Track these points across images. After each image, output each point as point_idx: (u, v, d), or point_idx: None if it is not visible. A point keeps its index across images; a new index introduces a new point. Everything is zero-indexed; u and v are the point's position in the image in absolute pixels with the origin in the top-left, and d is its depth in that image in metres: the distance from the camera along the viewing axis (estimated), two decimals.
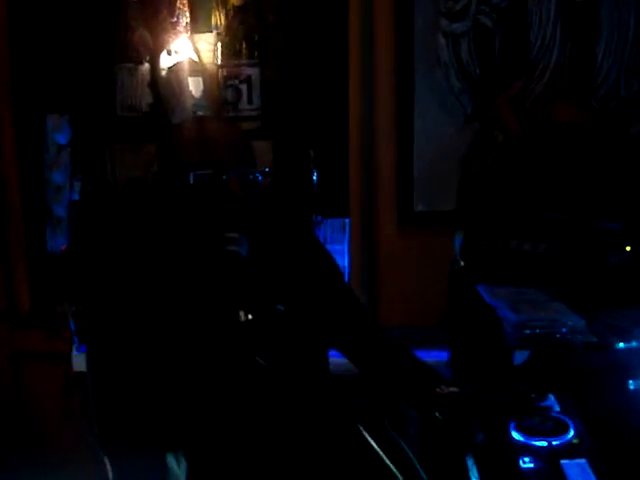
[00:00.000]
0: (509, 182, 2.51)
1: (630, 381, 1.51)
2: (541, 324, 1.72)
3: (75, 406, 2.91)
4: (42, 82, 2.81)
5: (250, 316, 1.35)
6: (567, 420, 1.47)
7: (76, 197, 2.93)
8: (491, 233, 2.32)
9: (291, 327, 1.41)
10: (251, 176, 1.41)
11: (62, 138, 2.90)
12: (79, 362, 2.88)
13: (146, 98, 2.78)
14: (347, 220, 2.75)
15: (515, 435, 1.45)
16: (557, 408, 1.54)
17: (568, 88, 2.56)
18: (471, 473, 1.52)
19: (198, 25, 2.75)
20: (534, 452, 1.39)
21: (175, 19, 2.73)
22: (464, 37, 2.55)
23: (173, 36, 2.75)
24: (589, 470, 1.33)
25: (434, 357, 2.51)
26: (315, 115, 2.70)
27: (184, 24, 2.75)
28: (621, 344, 1.72)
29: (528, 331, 1.70)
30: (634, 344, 1.73)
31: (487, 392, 1.71)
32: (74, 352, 2.85)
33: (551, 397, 1.56)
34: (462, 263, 2.37)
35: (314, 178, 2.70)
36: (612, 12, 2.55)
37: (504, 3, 2.53)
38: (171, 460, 1.65)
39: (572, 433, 1.44)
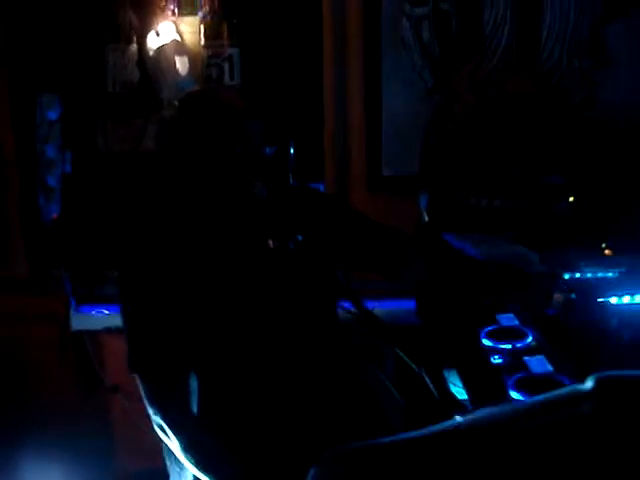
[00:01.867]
0: (467, 147, 2.85)
1: (573, 294, 1.85)
2: (502, 257, 2.05)
3: (71, 365, 3.15)
4: (34, 62, 3.02)
5: (277, 243, 1.64)
6: (526, 330, 1.81)
7: (68, 169, 3.16)
8: (453, 192, 2.65)
9: (308, 252, 1.71)
10: None
11: (53, 114, 3.12)
12: (77, 322, 3.13)
13: (135, 76, 3.03)
14: (321, 185, 3.05)
15: (485, 341, 1.78)
16: (517, 322, 1.87)
17: (517, 64, 2.90)
18: (452, 378, 1.85)
19: (183, 9, 3.01)
20: (502, 352, 1.72)
21: (162, 3, 2.99)
22: (425, 20, 2.86)
23: (160, 19, 3.01)
24: (546, 362, 1.66)
25: (402, 306, 2.84)
26: (292, 89, 2.99)
27: (170, 7, 3.00)
28: (567, 275, 2.06)
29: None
30: (577, 275, 2.07)
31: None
32: (72, 312, 3.10)
33: (511, 314, 1.90)
34: (427, 219, 2.70)
35: (291, 147, 2.99)
36: None
37: None
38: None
39: (531, 338, 1.77)
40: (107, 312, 3.00)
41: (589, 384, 0.78)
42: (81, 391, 3.10)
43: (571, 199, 2.36)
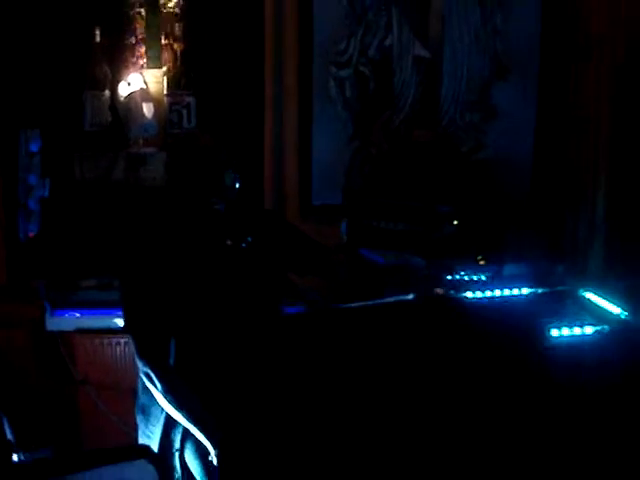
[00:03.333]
0: (380, 182, 3.53)
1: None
2: (399, 263, 2.72)
3: (46, 361, 3.64)
4: (19, 102, 3.59)
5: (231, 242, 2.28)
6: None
7: (46, 194, 3.71)
8: (367, 218, 3.32)
9: (255, 251, 2.36)
10: None
11: (34, 147, 3.68)
12: (51, 324, 3.63)
13: (108, 117, 3.63)
14: None
15: None
16: None
17: (421, 118, 3.61)
18: None
19: (149, 63, 3.63)
20: None
21: (133, 59, 3.60)
22: (347, 80, 3.56)
23: (130, 71, 3.62)
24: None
25: None
26: (238, 134, 3.62)
27: (139, 62, 3.62)
28: (449, 276, 2.73)
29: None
30: (457, 277, 2.75)
31: None
32: (47, 316, 3.61)
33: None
34: (346, 239, 3.36)
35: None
36: (451, 64, 3.64)
37: (377, 57, 3.57)
38: None
39: None
40: (78, 315, 3.53)
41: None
42: (53, 383, 3.60)
43: (455, 222, 3.05)
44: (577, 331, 2.19)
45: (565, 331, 2.17)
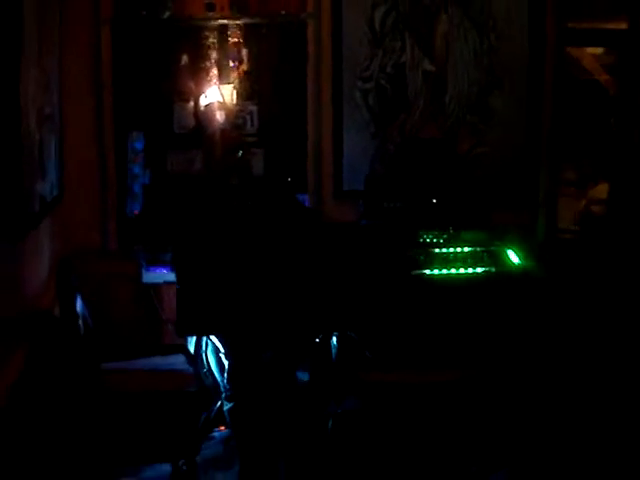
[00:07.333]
0: (396, 172, 4.44)
1: None
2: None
3: (141, 305, 4.78)
4: (128, 112, 4.77)
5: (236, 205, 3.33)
6: None
7: (147, 181, 4.87)
8: (377, 198, 4.24)
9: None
10: None
11: (139, 145, 4.85)
12: (146, 277, 4.78)
13: (191, 122, 4.74)
14: (306, 196, 4.68)
15: None
16: None
17: (429, 119, 4.48)
18: None
19: (222, 79, 4.72)
20: None
21: (208, 77, 4.71)
22: (370, 91, 4.50)
23: (208, 85, 4.73)
24: None
25: None
26: (288, 135, 4.65)
27: (215, 79, 4.72)
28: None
29: None
30: (425, 237, 3.64)
31: None
32: (143, 271, 4.76)
33: None
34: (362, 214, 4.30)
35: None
36: (453, 76, 4.48)
37: (393, 72, 4.48)
38: None
39: None
40: (165, 271, 4.64)
41: None
42: (145, 320, 4.74)
43: (434, 201, 3.93)
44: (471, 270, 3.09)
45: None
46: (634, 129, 4.58)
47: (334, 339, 3.16)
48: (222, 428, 3.98)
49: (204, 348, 3.37)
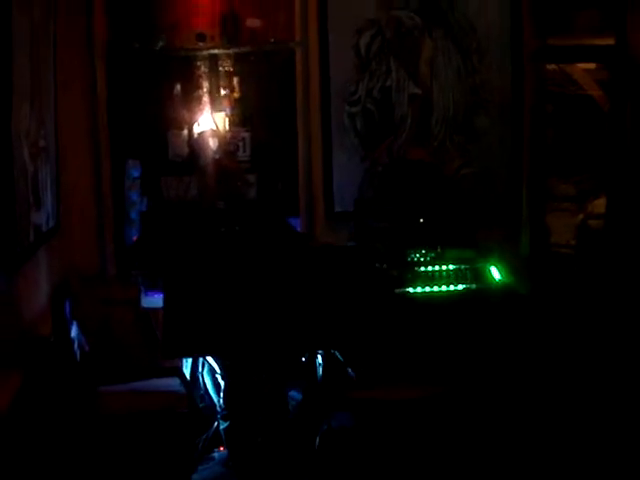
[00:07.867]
0: (385, 193, 4.55)
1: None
2: None
3: (140, 328, 4.88)
4: (125, 141, 4.90)
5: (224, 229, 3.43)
6: None
7: (144, 208, 4.99)
8: (367, 219, 4.34)
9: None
10: None
11: (136, 173, 4.98)
12: (145, 302, 4.89)
13: (185, 150, 4.87)
14: (298, 219, 4.78)
15: None
16: None
17: (416, 141, 4.59)
18: None
19: (215, 107, 4.85)
20: None
21: (201, 105, 4.84)
22: (358, 115, 4.61)
23: (201, 114, 4.86)
24: None
25: None
26: (279, 159, 4.77)
27: (207, 108, 4.85)
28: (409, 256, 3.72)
29: None
30: (412, 255, 3.73)
31: None
32: (142, 296, 4.87)
33: None
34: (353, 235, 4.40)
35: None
36: (439, 98, 4.59)
37: (380, 96, 4.60)
38: None
39: None
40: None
41: None
42: (144, 344, 4.85)
43: (421, 220, 4.02)
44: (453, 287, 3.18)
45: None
46: (628, 143, 4.67)
47: (319, 358, 3.26)
48: (221, 448, 4.06)
49: (200, 369, 3.47)
